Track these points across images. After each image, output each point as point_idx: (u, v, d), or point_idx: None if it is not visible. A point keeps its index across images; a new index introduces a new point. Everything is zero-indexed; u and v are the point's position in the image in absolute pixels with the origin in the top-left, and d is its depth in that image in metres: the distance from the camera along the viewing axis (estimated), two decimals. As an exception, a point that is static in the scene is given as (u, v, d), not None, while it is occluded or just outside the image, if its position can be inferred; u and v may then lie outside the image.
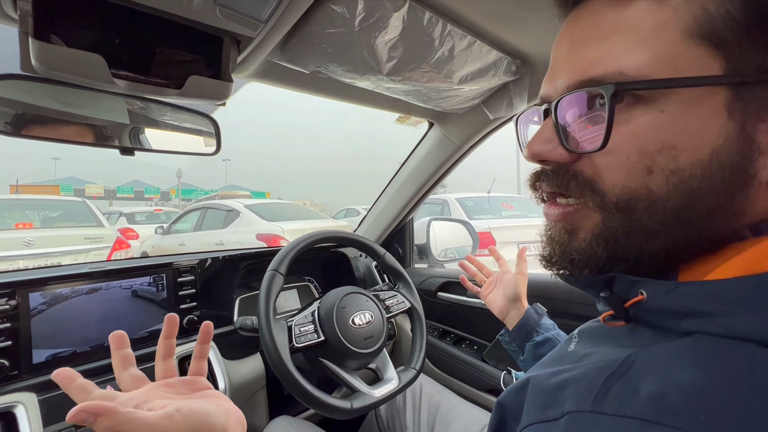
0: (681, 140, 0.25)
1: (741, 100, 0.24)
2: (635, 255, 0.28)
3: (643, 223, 0.27)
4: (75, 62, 0.45)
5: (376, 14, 0.54)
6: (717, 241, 0.26)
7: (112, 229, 4.73)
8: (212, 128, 0.79)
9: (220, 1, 0.46)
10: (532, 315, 0.72)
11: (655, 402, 0.21)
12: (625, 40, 0.26)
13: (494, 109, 0.93)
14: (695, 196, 0.25)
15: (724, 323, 0.22)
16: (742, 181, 0.25)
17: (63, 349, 0.77)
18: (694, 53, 0.24)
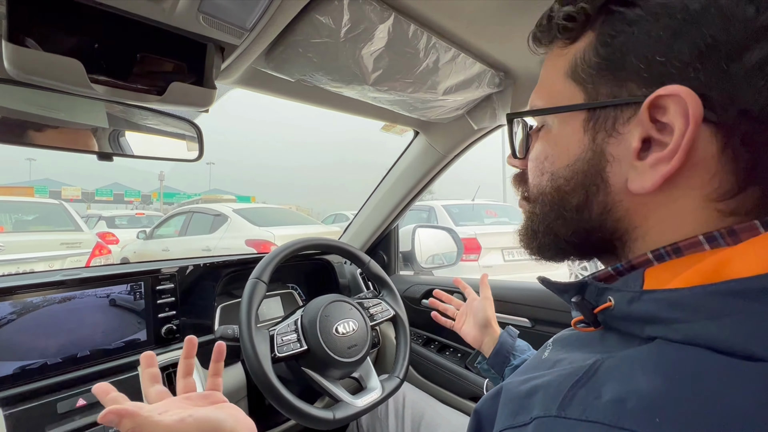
0: (556, 150, 0.34)
1: (593, 120, 0.30)
2: (554, 235, 0.35)
3: (544, 210, 0.35)
4: (52, 67, 0.44)
5: (362, 26, 0.55)
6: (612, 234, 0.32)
7: (91, 233, 4.53)
8: (195, 133, 0.78)
9: (204, 8, 0.46)
10: (506, 339, 0.73)
11: (616, 406, 0.22)
12: (539, 85, 0.36)
13: (478, 120, 0.94)
14: (564, 192, 0.33)
15: (682, 330, 0.24)
16: (597, 184, 0.31)
17: (32, 360, 0.74)
18: (567, 89, 0.32)
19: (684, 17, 0.25)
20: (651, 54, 0.27)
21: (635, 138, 0.28)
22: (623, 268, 0.31)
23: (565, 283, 0.35)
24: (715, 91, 0.25)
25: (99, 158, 0.64)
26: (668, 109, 0.26)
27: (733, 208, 0.27)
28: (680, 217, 0.28)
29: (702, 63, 0.25)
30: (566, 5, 0.31)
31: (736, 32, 0.24)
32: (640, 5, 0.27)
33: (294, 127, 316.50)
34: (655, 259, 0.29)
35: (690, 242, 0.27)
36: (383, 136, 1.20)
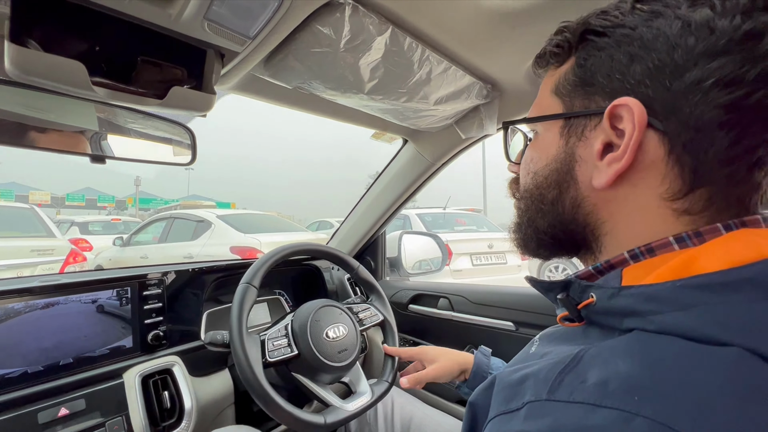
0: (539, 152, 0.39)
1: (568, 127, 0.36)
2: (535, 228, 0.40)
3: (527, 205, 0.40)
4: (54, 68, 0.44)
5: (361, 37, 0.57)
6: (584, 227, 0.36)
7: (64, 240, 4.31)
8: (188, 138, 0.78)
9: (210, 16, 0.47)
10: (481, 360, 0.77)
11: (599, 388, 0.25)
12: (534, 102, 0.41)
13: (466, 129, 0.98)
14: (542, 188, 0.38)
15: (656, 321, 0.27)
16: (568, 181, 0.36)
17: (12, 369, 0.71)
18: (552, 102, 0.37)
19: (640, 44, 0.30)
20: (612, 73, 0.32)
21: (598, 142, 0.33)
22: (603, 267, 0.35)
23: (551, 281, 0.38)
24: (660, 104, 0.30)
25: (92, 161, 0.64)
26: (623, 117, 0.31)
27: (685, 207, 0.31)
28: (640, 213, 0.33)
29: (650, 80, 0.30)
30: (556, 36, 0.38)
31: (679, 57, 0.29)
32: (608, 35, 0.32)
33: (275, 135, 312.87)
34: (631, 258, 0.32)
35: (661, 242, 0.31)
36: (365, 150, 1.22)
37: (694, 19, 0.29)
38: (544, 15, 0.60)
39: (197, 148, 0.79)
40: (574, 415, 0.25)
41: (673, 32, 0.29)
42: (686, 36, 0.29)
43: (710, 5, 0.28)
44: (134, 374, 0.83)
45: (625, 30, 0.32)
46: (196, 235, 4.43)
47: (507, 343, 1.12)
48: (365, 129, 1.08)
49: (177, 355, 0.93)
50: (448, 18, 0.59)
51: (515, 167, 0.46)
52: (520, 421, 0.28)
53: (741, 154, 0.29)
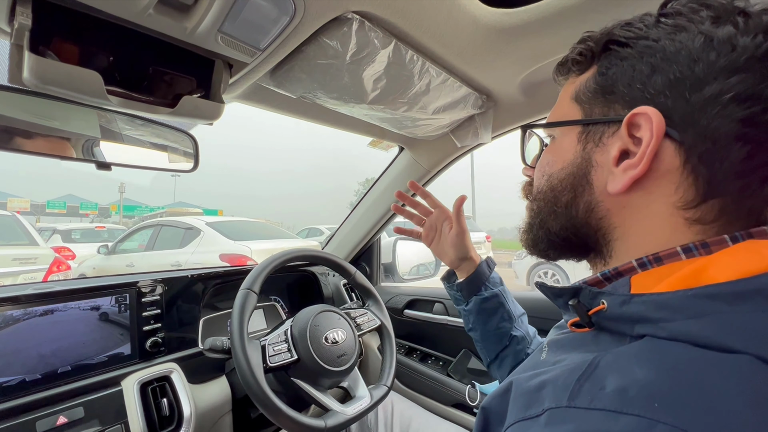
0: (555, 156, 0.40)
1: (586, 133, 0.37)
2: (547, 230, 0.41)
3: (540, 206, 0.41)
4: (71, 78, 0.45)
5: (366, 50, 0.59)
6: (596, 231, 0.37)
7: (48, 248, 4.19)
8: (191, 145, 0.79)
9: (224, 29, 0.49)
10: (484, 270, 0.74)
11: (619, 395, 0.25)
12: (555, 106, 0.42)
13: (461, 138, 1.01)
14: (557, 191, 0.39)
15: (667, 328, 0.28)
16: (583, 185, 0.37)
17: (10, 377, 0.70)
18: (571, 109, 0.39)
19: (662, 56, 0.32)
20: (633, 83, 0.33)
21: (615, 148, 0.34)
22: (611, 274, 0.36)
23: (561, 287, 0.39)
24: (678, 115, 0.31)
25: (97, 167, 0.64)
26: (641, 126, 0.32)
27: (697, 217, 0.32)
28: (653, 220, 0.33)
29: (670, 91, 0.31)
30: (579, 44, 0.39)
31: (699, 71, 0.30)
32: (631, 46, 0.34)
33: (263, 146, 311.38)
34: (639, 266, 0.33)
35: (669, 252, 0.32)
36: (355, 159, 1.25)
37: (717, 35, 0.30)
38: (539, 31, 0.63)
39: (200, 155, 0.80)
40: (596, 422, 0.25)
41: (695, 46, 0.30)
42: (708, 51, 0.30)
43: (733, 23, 0.30)
44: (133, 381, 0.83)
45: (648, 42, 0.33)
46: (185, 242, 4.34)
47: (501, 347, 1.14)
48: (359, 138, 1.10)
49: (175, 362, 0.92)
50: (449, 33, 0.62)
51: (530, 170, 0.47)
52: (541, 427, 0.28)
53: (755, 167, 0.30)
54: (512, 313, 0.73)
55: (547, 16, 0.60)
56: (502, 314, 0.72)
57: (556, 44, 0.67)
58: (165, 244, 4.58)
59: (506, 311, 0.73)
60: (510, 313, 0.73)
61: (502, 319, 0.72)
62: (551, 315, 1.04)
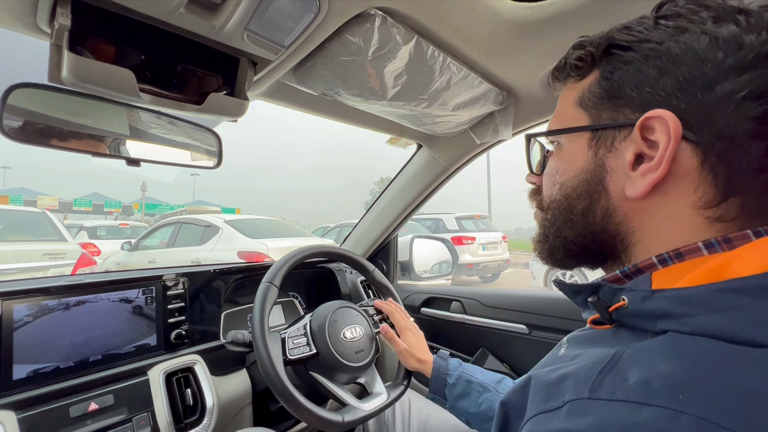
0: (565, 164, 0.40)
1: (596, 138, 0.37)
2: (563, 239, 0.40)
3: (555, 215, 0.40)
4: (106, 76, 0.47)
5: (388, 46, 0.60)
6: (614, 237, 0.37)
7: (75, 244, 4.32)
8: (215, 142, 0.81)
9: (250, 27, 0.50)
10: (439, 364, 0.79)
11: (642, 387, 0.25)
12: (555, 114, 0.43)
13: (481, 135, 1.00)
14: (572, 199, 0.38)
15: (691, 323, 0.28)
16: (599, 191, 0.37)
17: (46, 364, 0.74)
18: (576, 114, 0.38)
19: (668, 59, 0.32)
20: (642, 86, 0.33)
21: (629, 153, 0.34)
22: (630, 271, 0.35)
23: (580, 284, 0.38)
24: (692, 116, 0.31)
25: (127, 164, 0.67)
26: (655, 129, 0.32)
27: (718, 215, 0.31)
28: (672, 221, 0.33)
29: (681, 93, 0.31)
30: (577, 50, 0.39)
31: (709, 71, 0.30)
32: (634, 49, 0.34)
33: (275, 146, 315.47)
34: (660, 263, 0.33)
35: (690, 248, 0.32)
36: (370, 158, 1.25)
37: (721, 35, 0.30)
38: (562, 25, 0.62)
39: (223, 152, 0.82)
40: (618, 413, 0.25)
41: (701, 47, 0.30)
42: (715, 50, 0.30)
43: (735, 21, 0.30)
44: (159, 372, 0.85)
45: (651, 44, 0.33)
46: (204, 239, 4.44)
47: (520, 347, 1.13)
48: (378, 136, 1.11)
49: (198, 354, 0.95)
50: (471, 28, 0.62)
51: (534, 178, 0.47)
52: (562, 419, 0.28)
53: None
54: (486, 384, 0.73)
55: (571, 9, 0.59)
56: (475, 390, 0.73)
57: None
58: (185, 241, 4.70)
59: (478, 385, 0.74)
60: (483, 384, 0.73)
61: (478, 393, 0.73)
62: (569, 315, 1.02)
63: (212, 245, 4.27)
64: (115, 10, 0.47)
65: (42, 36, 0.49)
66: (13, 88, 0.53)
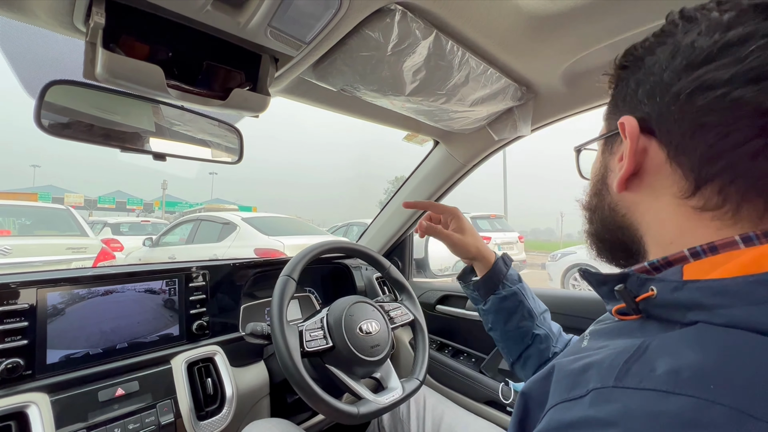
0: (593, 168, 0.45)
1: (604, 144, 0.42)
2: (590, 234, 0.45)
3: (586, 216, 0.45)
4: (137, 72, 0.49)
5: (407, 41, 0.60)
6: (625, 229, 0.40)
7: (97, 239, 4.53)
8: (236, 138, 0.83)
9: (273, 23, 0.51)
10: (500, 267, 0.74)
11: (671, 377, 0.25)
12: None
13: (499, 131, 1.00)
14: (590, 196, 0.44)
15: (724, 314, 0.27)
16: (604, 189, 0.41)
17: (77, 350, 0.77)
18: (603, 125, 0.43)
19: (644, 72, 0.36)
20: (626, 98, 0.38)
21: (618, 154, 0.39)
22: (659, 263, 0.35)
23: (607, 274, 0.39)
24: (654, 116, 0.35)
25: (154, 158, 0.69)
26: (626, 133, 0.36)
27: (702, 204, 0.32)
28: (663, 213, 0.36)
29: (648, 99, 0.35)
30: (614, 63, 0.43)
31: (667, 77, 0.33)
32: (629, 66, 0.38)
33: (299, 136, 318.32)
34: (692, 256, 0.33)
35: (726, 241, 0.31)
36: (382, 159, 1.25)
37: (683, 42, 0.33)
38: (583, 18, 0.61)
39: (244, 148, 0.84)
40: (645, 402, 0.25)
41: (665, 56, 0.34)
42: (675, 57, 0.33)
43: (698, 31, 0.33)
44: (181, 361, 0.88)
45: (638, 62, 0.37)
46: (222, 236, 4.54)
47: (537, 345, 1.12)
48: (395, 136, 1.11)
49: (218, 345, 0.98)
50: (490, 22, 0.62)
51: None
52: (585, 407, 0.28)
53: (731, 147, 0.31)
54: (533, 311, 0.71)
55: (593, 2, 0.58)
56: (522, 313, 0.71)
57: (602, 32, 0.65)
58: (204, 238, 4.81)
59: (526, 309, 0.71)
60: (531, 311, 0.71)
61: (522, 317, 0.71)
62: (583, 313, 1.01)
63: (230, 242, 4.36)
64: (146, 9, 0.49)
65: (78, 35, 0.51)
66: (50, 84, 0.56)
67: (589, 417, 0.27)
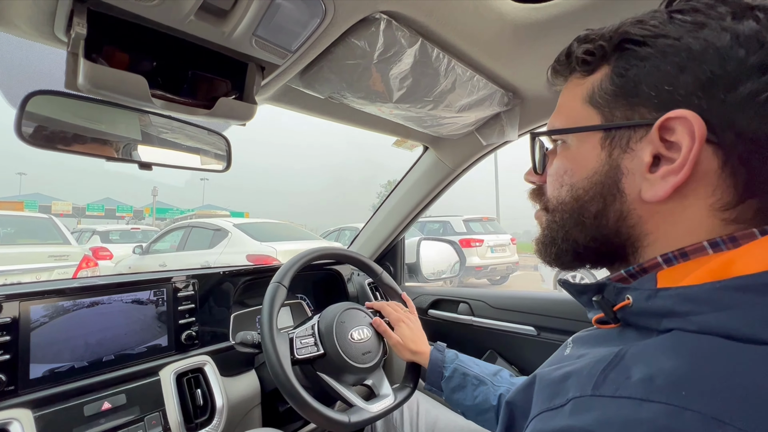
0: (575, 165, 0.38)
1: (610, 138, 0.35)
2: (573, 242, 0.39)
3: (564, 218, 0.39)
4: (120, 82, 0.49)
5: (393, 49, 0.60)
6: (626, 240, 0.36)
7: (80, 247, 4.53)
8: (224, 146, 0.83)
9: (258, 32, 0.51)
10: (436, 355, 0.80)
11: (645, 384, 0.25)
12: (558, 110, 0.41)
13: (487, 136, 1.01)
14: (583, 201, 0.37)
15: (696, 321, 0.28)
16: (614, 193, 0.35)
17: (61, 364, 0.76)
18: (585, 112, 0.37)
19: (687, 55, 0.31)
20: (660, 84, 0.32)
21: (647, 154, 0.33)
22: (635, 270, 0.35)
23: (585, 284, 0.38)
24: (715, 116, 0.30)
25: (140, 167, 0.68)
26: (676, 130, 0.31)
27: (734, 217, 0.31)
28: (688, 224, 0.33)
29: (703, 92, 0.30)
30: (585, 43, 0.37)
31: (731, 69, 0.29)
32: (649, 44, 0.32)
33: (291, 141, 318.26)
34: (665, 262, 0.33)
35: (695, 247, 0.32)
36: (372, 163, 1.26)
37: (742, 32, 0.29)
38: (567, 25, 0.62)
39: (232, 155, 0.84)
40: (621, 409, 0.25)
41: (723, 44, 0.29)
42: (736, 48, 0.29)
43: (755, 18, 0.29)
44: (170, 372, 0.87)
45: (668, 40, 0.31)
46: (213, 243, 4.51)
47: (528, 348, 1.12)
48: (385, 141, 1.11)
49: (208, 355, 0.96)
50: (475, 30, 0.63)
51: (536, 177, 0.45)
52: (566, 416, 0.28)
53: None
54: (480, 376, 0.73)
55: (576, 9, 0.59)
56: (471, 382, 0.73)
57: None
58: (195, 245, 4.77)
59: (473, 378, 0.73)
60: (477, 377, 0.73)
61: (474, 386, 0.73)
62: (577, 316, 1.02)
63: (221, 249, 4.33)
64: (129, 18, 0.48)
65: (59, 45, 0.51)
66: (31, 95, 0.55)
67: (570, 426, 0.27)
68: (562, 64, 0.40)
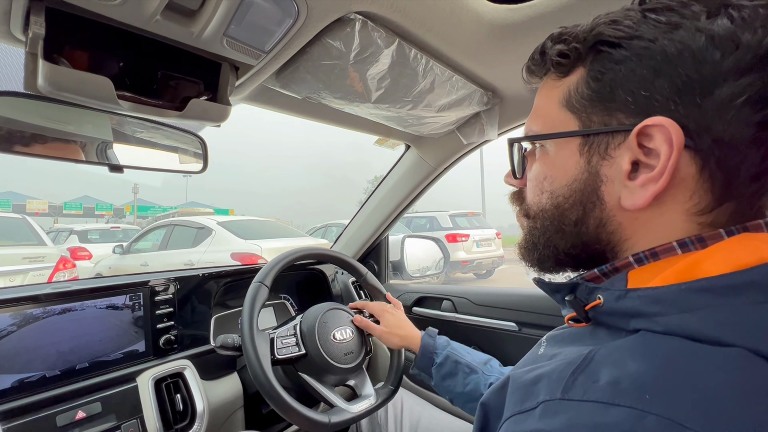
0: (554, 171, 0.38)
1: (588, 144, 0.35)
2: (553, 248, 0.39)
3: (545, 225, 0.39)
4: (83, 84, 0.47)
5: (369, 50, 0.60)
6: (606, 246, 0.36)
7: (56, 247, 4.36)
8: (200, 147, 0.81)
9: (229, 33, 0.50)
10: (428, 341, 0.79)
11: (611, 388, 0.26)
12: (534, 112, 0.41)
13: (467, 135, 1.01)
14: (564, 209, 0.37)
15: (662, 322, 0.28)
16: (593, 201, 0.35)
17: (32, 373, 0.73)
18: (562, 116, 0.36)
19: (663, 59, 0.30)
20: (637, 89, 0.31)
21: (625, 161, 0.32)
22: (608, 270, 0.36)
23: (559, 283, 0.39)
24: (692, 122, 0.29)
25: (110, 170, 0.66)
26: (654, 137, 0.30)
27: (711, 221, 0.31)
28: (666, 228, 0.33)
29: (680, 98, 0.30)
30: (558, 44, 0.36)
31: (707, 73, 0.28)
32: (624, 46, 0.32)
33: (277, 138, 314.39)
34: (636, 262, 0.33)
35: (665, 247, 0.32)
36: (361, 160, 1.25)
37: (717, 33, 0.28)
38: (544, 26, 0.63)
39: (209, 156, 0.82)
40: (588, 414, 0.25)
41: (697, 46, 0.29)
42: (712, 50, 0.28)
43: (729, 16, 0.28)
44: (148, 378, 0.85)
45: (643, 42, 0.31)
46: (197, 242, 4.42)
47: (510, 344, 1.14)
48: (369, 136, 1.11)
49: (188, 359, 0.95)
50: (452, 31, 0.63)
51: (516, 181, 0.45)
52: (536, 420, 0.28)
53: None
54: (472, 365, 0.74)
55: (552, 10, 0.60)
56: (462, 370, 0.73)
57: None
58: (178, 244, 4.67)
59: (465, 365, 0.74)
60: (469, 365, 0.74)
61: (465, 374, 0.73)
62: (557, 312, 1.04)
63: (205, 247, 4.25)
64: (91, 17, 0.46)
65: (17, 44, 0.49)
66: (-13, 96, 0.53)
67: (539, 429, 0.28)
68: (536, 63, 0.39)
